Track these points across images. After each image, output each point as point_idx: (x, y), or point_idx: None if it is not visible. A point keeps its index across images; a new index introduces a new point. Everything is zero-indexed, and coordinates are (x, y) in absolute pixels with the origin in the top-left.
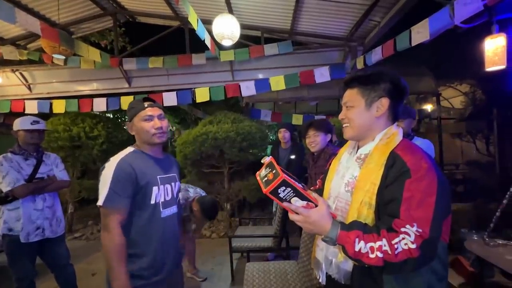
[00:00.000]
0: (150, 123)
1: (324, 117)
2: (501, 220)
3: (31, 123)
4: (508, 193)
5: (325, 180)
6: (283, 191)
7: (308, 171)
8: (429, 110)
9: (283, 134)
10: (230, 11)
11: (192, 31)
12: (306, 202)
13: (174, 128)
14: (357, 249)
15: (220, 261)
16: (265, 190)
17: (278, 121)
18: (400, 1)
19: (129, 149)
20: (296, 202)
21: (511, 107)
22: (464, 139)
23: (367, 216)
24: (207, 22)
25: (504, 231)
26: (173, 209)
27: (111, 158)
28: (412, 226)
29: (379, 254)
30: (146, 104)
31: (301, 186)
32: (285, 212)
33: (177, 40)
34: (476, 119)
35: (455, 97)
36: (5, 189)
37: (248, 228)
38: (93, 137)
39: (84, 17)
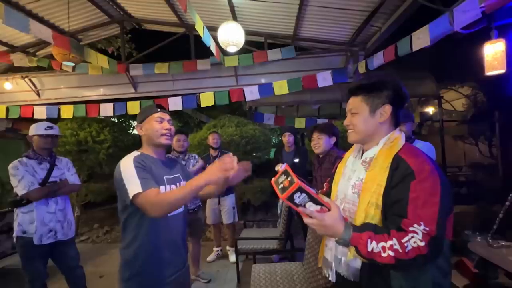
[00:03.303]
0: (160, 124)
1: (326, 120)
2: (504, 221)
3: (45, 129)
4: (511, 194)
5: (332, 182)
6: (298, 197)
7: (314, 174)
8: (431, 113)
9: (288, 138)
10: (234, 18)
11: (197, 37)
12: (320, 206)
13: None
14: (369, 249)
15: (226, 263)
16: (282, 196)
17: (281, 125)
18: (400, 7)
19: (136, 152)
20: (311, 207)
21: None
22: (467, 142)
23: (374, 216)
24: (212, 29)
25: (508, 233)
26: (180, 208)
27: (122, 161)
28: (420, 225)
29: (391, 253)
30: (158, 108)
31: (315, 192)
32: (289, 215)
33: (182, 46)
34: (478, 122)
35: (457, 99)
36: (21, 192)
37: (252, 231)
38: (100, 141)
39: (92, 25)
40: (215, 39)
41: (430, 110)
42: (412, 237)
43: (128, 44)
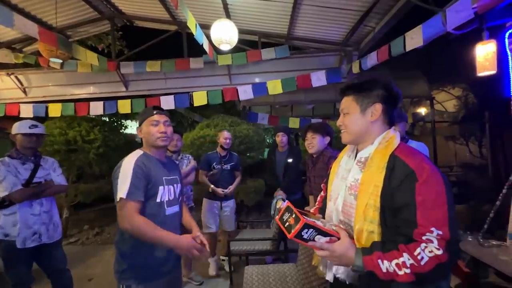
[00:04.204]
0: (156, 127)
1: (320, 120)
2: (495, 221)
3: (29, 127)
4: (501, 194)
5: (327, 183)
6: (306, 232)
7: (307, 174)
8: (423, 113)
9: (281, 138)
10: (228, 16)
11: (190, 35)
12: (329, 237)
13: None
14: (384, 270)
15: (218, 265)
16: (290, 235)
17: (275, 125)
18: (394, 8)
19: (139, 151)
20: (320, 240)
21: (502, 110)
22: (458, 142)
23: (373, 218)
24: (205, 27)
25: (498, 232)
26: (176, 208)
27: (126, 158)
28: (432, 232)
29: (407, 270)
30: (154, 111)
31: (320, 223)
32: None
33: (175, 44)
34: (468, 122)
35: (448, 100)
36: (2, 194)
37: (246, 232)
38: (90, 140)
39: (81, 21)
40: (208, 37)
41: (422, 110)
42: (426, 246)
43: (119, 41)
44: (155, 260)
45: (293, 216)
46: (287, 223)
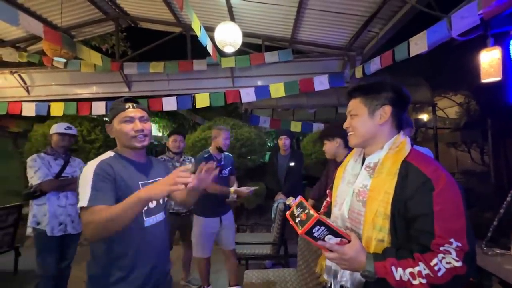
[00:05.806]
0: (130, 125)
1: (322, 124)
2: (498, 229)
3: (65, 128)
4: (505, 202)
5: (332, 189)
6: (318, 230)
7: (321, 178)
8: (425, 120)
9: (284, 142)
10: (232, 18)
11: (194, 37)
12: (339, 238)
13: None
14: (397, 277)
15: (217, 269)
16: (300, 231)
17: (277, 128)
18: (398, 13)
19: (109, 153)
20: (330, 240)
21: (504, 118)
22: (459, 149)
23: (383, 226)
24: (209, 29)
25: (502, 240)
26: (159, 216)
27: (89, 162)
28: (451, 243)
29: (422, 280)
30: (127, 105)
31: (333, 223)
32: (283, 219)
33: (178, 46)
34: (470, 129)
35: (450, 107)
36: (36, 182)
37: (246, 235)
38: (91, 140)
39: (86, 21)
40: (212, 39)
41: (424, 117)
42: (444, 257)
43: (123, 42)
44: (135, 283)
45: (306, 211)
46: (299, 219)
